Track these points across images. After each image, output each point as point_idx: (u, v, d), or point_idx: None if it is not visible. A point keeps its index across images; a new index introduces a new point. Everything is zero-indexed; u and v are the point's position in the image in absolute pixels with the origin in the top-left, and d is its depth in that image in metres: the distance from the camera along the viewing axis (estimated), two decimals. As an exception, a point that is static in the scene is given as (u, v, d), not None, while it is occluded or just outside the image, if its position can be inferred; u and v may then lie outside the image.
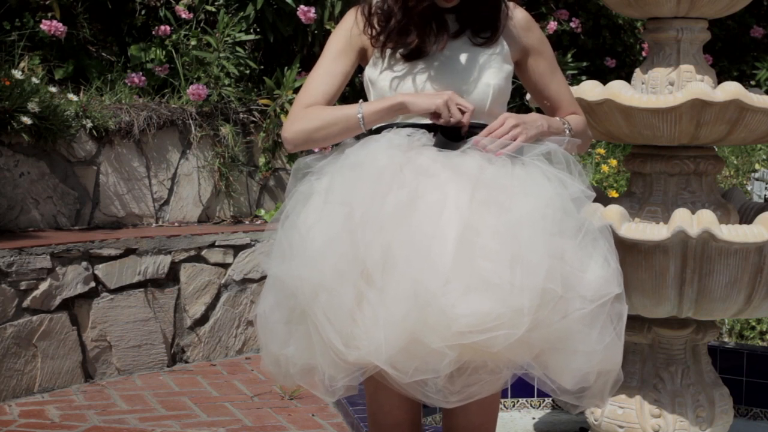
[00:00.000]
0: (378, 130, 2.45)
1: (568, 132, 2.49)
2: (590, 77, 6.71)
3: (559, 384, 2.28)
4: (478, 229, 2.20)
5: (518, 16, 2.53)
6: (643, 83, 3.46)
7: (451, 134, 2.38)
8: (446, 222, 2.20)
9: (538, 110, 2.66)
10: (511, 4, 2.53)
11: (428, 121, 2.41)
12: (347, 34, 2.52)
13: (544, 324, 2.18)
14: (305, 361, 2.29)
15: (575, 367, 2.26)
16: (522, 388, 4.09)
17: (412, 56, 2.45)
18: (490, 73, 2.46)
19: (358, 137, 2.45)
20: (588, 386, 2.30)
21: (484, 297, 2.15)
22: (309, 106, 2.48)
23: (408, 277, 2.16)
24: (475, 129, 2.40)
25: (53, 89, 5.08)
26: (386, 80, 2.47)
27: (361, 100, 2.47)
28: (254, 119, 5.78)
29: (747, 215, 3.58)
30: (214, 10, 5.92)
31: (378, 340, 2.15)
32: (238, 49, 5.83)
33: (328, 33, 5.93)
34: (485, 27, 2.48)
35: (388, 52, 2.48)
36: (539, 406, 4.25)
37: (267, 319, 2.35)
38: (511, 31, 2.52)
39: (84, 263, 4.66)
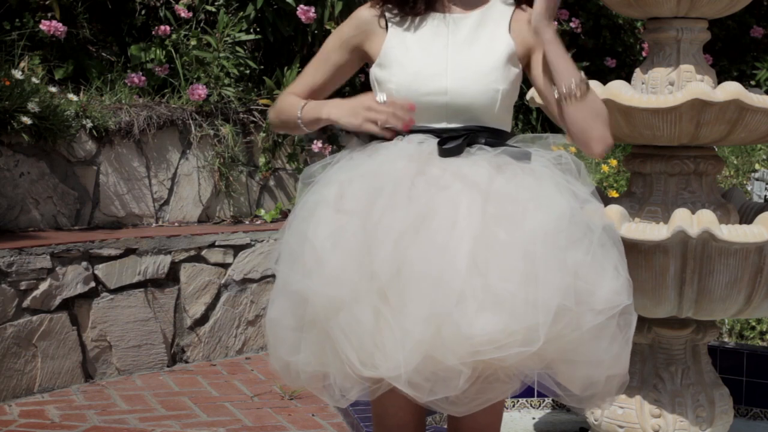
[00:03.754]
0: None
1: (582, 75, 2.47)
2: (590, 77, 6.69)
3: (568, 390, 2.31)
4: (490, 244, 2.20)
5: (528, 15, 2.50)
6: (643, 83, 3.46)
7: (453, 142, 2.39)
8: (458, 238, 2.20)
9: (538, 110, 2.66)
10: (526, 6, 2.51)
11: (436, 126, 2.41)
12: (341, 34, 2.55)
13: (557, 338, 2.19)
14: (315, 369, 2.29)
15: (584, 374, 2.28)
16: (522, 388, 4.08)
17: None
18: (499, 76, 2.45)
19: (363, 138, 2.47)
20: (595, 391, 2.32)
21: (497, 314, 2.15)
22: (291, 94, 2.57)
23: (422, 296, 2.16)
24: (479, 133, 2.40)
25: (53, 89, 5.08)
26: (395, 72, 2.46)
27: (307, 101, 2.50)
28: (254, 119, 5.78)
29: (747, 215, 3.58)
30: (214, 9, 5.92)
31: (397, 361, 2.15)
32: (238, 49, 5.83)
33: (328, 33, 5.93)
34: None
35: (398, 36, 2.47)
36: (539, 406, 4.25)
37: (277, 325, 2.35)
38: (521, 30, 2.50)
39: (84, 263, 4.66)
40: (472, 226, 2.21)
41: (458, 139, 2.39)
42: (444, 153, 2.36)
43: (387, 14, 2.50)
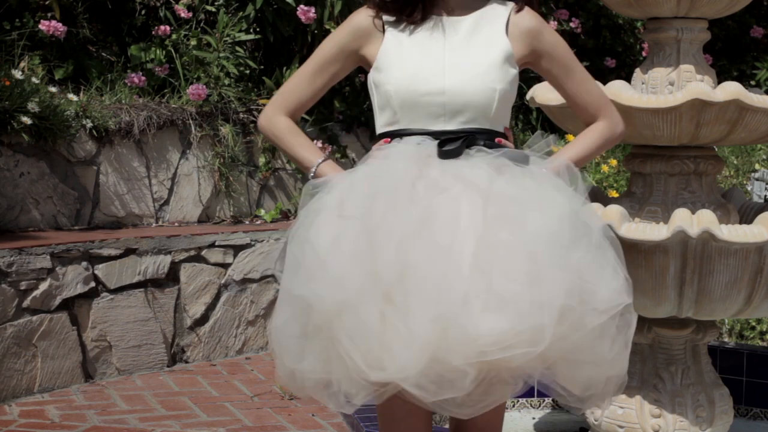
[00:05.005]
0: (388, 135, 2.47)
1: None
2: (590, 77, 6.70)
3: (568, 390, 2.32)
4: (493, 246, 2.21)
5: (528, 21, 2.51)
6: (643, 83, 3.46)
7: (452, 143, 2.40)
8: (461, 239, 2.20)
9: (538, 110, 2.67)
10: (526, 9, 2.52)
11: (434, 128, 2.42)
12: (338, 41, 2.54)
13: (561, 338, 2.20)
14: (320, 376, 2.28)
15: (585, 375, 2.30)
16: (523, 389, 4.08)
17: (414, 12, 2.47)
18: (496, 76, 2.45)
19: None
20: (596, 392, 2.34)
21: (503, 315, 2.16)
22: (285, 108, 2.57)
23: (427, 297, 2.16)
24: (477, 135, 2.41)
25: (53, 89, 5.08)
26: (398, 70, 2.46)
27: (326, 159, 2.51)
28: (254, 119, 5.77)
29: (747, 215, 3.58)
30: (214, 9, 5.92)
31: (404, 362, 2.15)
32: (237, 48, 5.83)
33: (327, 33, 5.93)
34: None
35: (397, 41, 2.48)
36: (539, 406, 4.25)
37: (281, 333, 2.34)
38: (520, 34, 2.50)
39: (84, 263, 4.66)
40: (473, 228, 2.21)
41: (457, 141, 2.39)
42: (443, 155, 2.37)
43: (384, 17, 2.50)
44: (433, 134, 2.41)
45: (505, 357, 2.15)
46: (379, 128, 2.51)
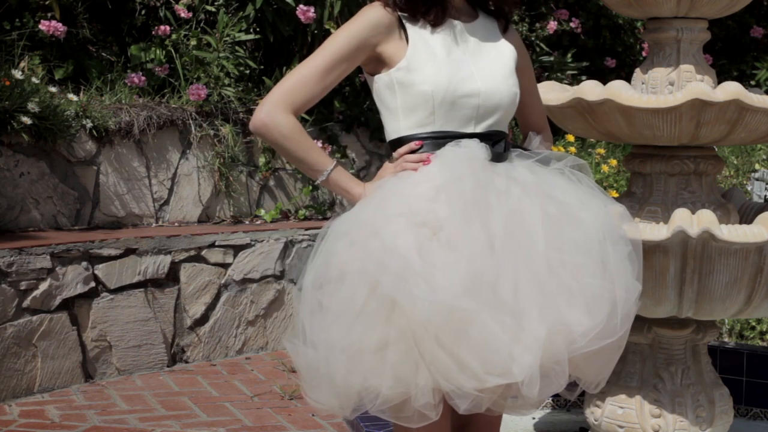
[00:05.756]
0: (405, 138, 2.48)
1: None
2: (590, 77, 6.71)
3: (584, 381, 2.40)
4: (558, 245, 2.31)
5: (516, 35, 2.64)
6: (643, 83, 3.46)
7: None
8: (535, 240, 2.29)
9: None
10: (510, 25, 2.63)
11: (465, 131, 2.45)
12: (357, 37, 2.44)
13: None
14: (400, 390, 2.21)
15: (600, 366, 2.39)
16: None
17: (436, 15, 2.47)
18: (514, 81, 2.54)
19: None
20: (605, 375, 2.44)
21: (583, 309, 2.27)
22: (291, 105, 2.39)
23: (533, 299, 2.23)
24: (503, 137, 2.50)
25: (53, 89, 5.08)
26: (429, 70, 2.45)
27: (336, 165, 2.43)
28: (254, 119, 5.77)
29: (747, 215, 3.58)
30: (213, 10, 5.92)
31: (526, 364, 2.19)
32: (237, 48, 5.83)
33: (327, 33, 5.93)
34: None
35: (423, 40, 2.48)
36: (539, 406, 4.25)
37: (353, 351, 2.21)
38: (516, 46, 2.61)
39: (84, 263, 4.66)
40: (540, 228, 2.30)
41: (500, 144, 2.46)
42: (496, 158, 2.42)
43: (402, 15, 2.47)
44: (464, 137, 2.44)
45: (588, 350, 2.25)
46: (405, 130, 2.46)
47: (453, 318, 2.17)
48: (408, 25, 2.47)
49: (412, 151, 2.43)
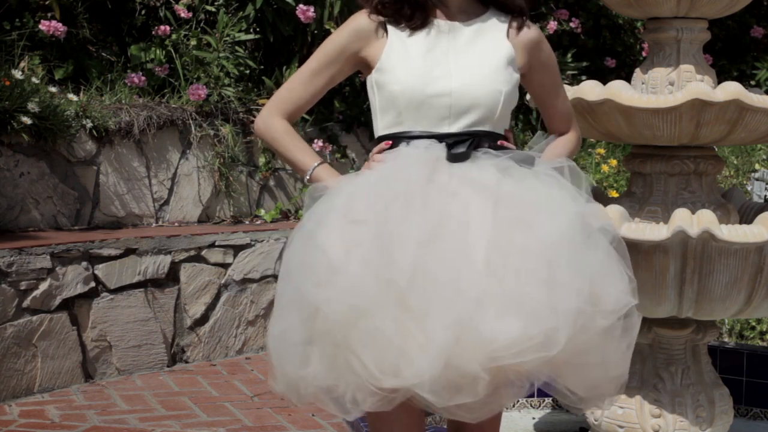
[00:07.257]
0: (391, 137, 2.46)
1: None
2: (590, 77, 6.71)
3: (572, 391, 2.32)
4: (505, 249, 2.22)
5: (532, 32, 2.58)
6: (643, 83, 3.46)
7: (459, 146, 2.41)
8: (473, 243, 2.21)
9: (538, 111, 2.68)
10: (528, 22, 2.58)
11: (438, 131, 2.42)
12: (339, 43, 2.53)
13: (571, 342, 2.20)
14: (326, 382, 2.26)
15: (591, 376, 2.30)
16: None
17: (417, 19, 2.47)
18: (502, 78, 2.47)
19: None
20: (599, 392, 2.35)
21: (517, 319, 2.16)
22: (282, 110, 2.55)
23: (442, 303, 2.16)
24: (482, 137, 2.42)
25: (53, 89, 5.08)
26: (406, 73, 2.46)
27: (321, 163, 2.50)
28: (254, 119, 5.76)
29: (747, 215, 3.58)
30: (213, 9, 5.92)
31: (421, 368, 2.15)
32: (237, 48, 5.83)
33: (327, 33, 5.93)
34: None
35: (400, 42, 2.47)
36: (539, 406, 4.25)
37: (284, 341, 2.31)
38: (521, 43, 2.55)
39: (84, 263, 4.66)
40: (485, 231, 2.22)
41: (464, 143, 2.40)
42: (453, 158, 2.38)
43: (386, 20, 2.50)
44: (438, 137, 2.42)
45: (518, 362, 2.15)
46: (381, 130, 2.50)
47: (354, 317, 2.19)
48: (390, 28, 2.50)
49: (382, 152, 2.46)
